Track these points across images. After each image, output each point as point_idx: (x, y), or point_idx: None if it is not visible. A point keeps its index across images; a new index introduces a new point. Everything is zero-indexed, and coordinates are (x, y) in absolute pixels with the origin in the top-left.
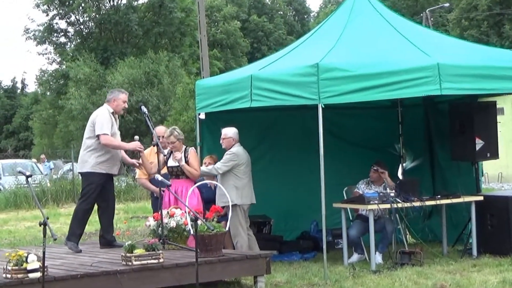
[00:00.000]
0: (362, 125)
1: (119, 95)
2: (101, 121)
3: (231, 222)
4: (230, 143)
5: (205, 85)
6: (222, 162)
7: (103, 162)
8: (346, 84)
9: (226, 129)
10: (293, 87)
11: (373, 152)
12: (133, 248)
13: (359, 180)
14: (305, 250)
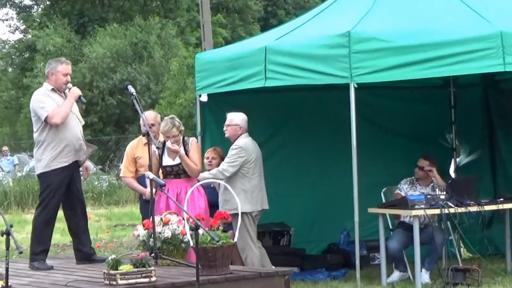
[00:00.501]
0: (405, 110)
1: (57, 66)
2: (36, 105)
3: (239, 232)
4: (236, 132)
5: (208, 59)
6: (228, 162)
7: (60, 153)
8: (385, 58)
9: (232, 114)
10: (317, 62)
11: (419, 143)
12: (118, 263)
13: (401, 179)
14: (333, 267)
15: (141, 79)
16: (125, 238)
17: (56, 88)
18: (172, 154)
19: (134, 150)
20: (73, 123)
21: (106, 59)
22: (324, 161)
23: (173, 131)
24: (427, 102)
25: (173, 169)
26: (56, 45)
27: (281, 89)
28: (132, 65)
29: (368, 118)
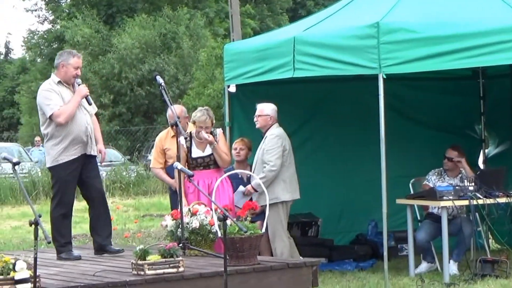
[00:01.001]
0: (433, 101)
1: (69, 59)
2: (42, 101)
3: (271, 222)
4: (266, 122)
5: (236, 50)
6: (271, 154)
7: (67, 147)
8: (414, 49)
9: (263, 104)
10: (346, 53)
11: (447, 134)
12: (146, 254)
13: (430, 170)
14: (361, 258)
15: (170, 70)
16: (153, 228)
17: (64, 81)
18: (201, 145)
19: (162, 141)
20: (80, 116)
21: (134, 49)
22: (353, 152)
23: (208, 121)
24: (456, 93)
25: (204, 160)
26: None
27: (309, 80)
28: (161, 55)
29: (397, 109)
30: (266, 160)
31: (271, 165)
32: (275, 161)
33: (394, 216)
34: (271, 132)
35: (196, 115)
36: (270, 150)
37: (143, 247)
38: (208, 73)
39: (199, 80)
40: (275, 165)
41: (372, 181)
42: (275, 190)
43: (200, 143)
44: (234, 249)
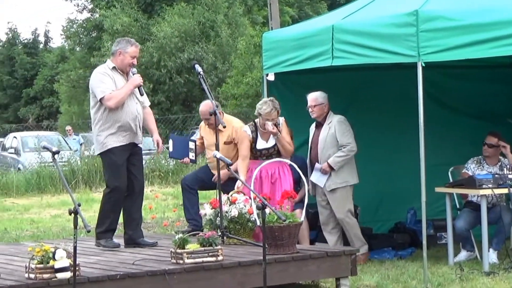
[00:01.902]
0: (472, 89)
1: (127, 47)
2: (95, 83)
3: (340, 205)
4: (323, 110)
5: (275, 38)
6: (348, 136)
7: (115, 133)
8: (453, 37)
9: (315, 94)
10: (385, 41)
11: (487, 123)
12: (185, 242)
13: (469, 158)
14: (400, 246)
15: (208, 58)
16: None
17: (119, 68)
18: (266, 136)
19: (200, 131)
20: (131, 104)
21: (173, 38)
22: (391, 140)
23: (274, 113)
24: (495, 81)
25: (268, 151)
26: (124, 25)
27: (347, 68)
28: (199, 44)
29: (436, 97)
30: (344, 143)
31: (352, 146)
32: (353, 142)
33: (433, 204)
34: (336, 119)
35: (262, 108)
36: (345, 133)
37: (182, 236)
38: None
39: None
40: (354, 146)
41: (411, 169)
42: (344, 173)
43: (264, 134)
44: (273, 238)
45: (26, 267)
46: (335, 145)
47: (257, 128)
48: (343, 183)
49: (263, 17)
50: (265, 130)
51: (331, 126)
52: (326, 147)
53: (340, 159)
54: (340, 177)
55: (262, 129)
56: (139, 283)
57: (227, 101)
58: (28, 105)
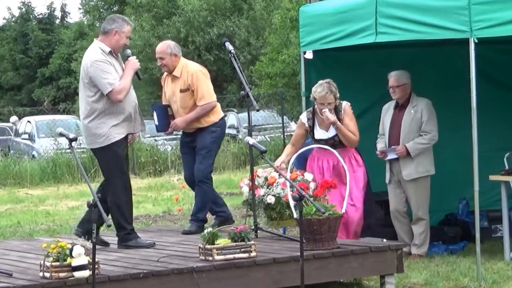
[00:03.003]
0: None
1: (124, 26)
2: (98, 74)
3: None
4: (405, 91)
5: (313, 12)
6: (433, 124)
7: (117, 125)
8: (509, 10)
9: (397, 73)
10: (433, 15)
11: None
12: (215, 237)
13: None
14: (451, 240)
15: (241, 34)
16: None
17: (114, 49)
18: (325, 124)
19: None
20: (131, 91)
21: (202, 11)
22: (441, 124)
23: (329, 97)
24: None
25: (327, 142)
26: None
27: (393, 45)
28: (231, 18)
29: (490, 76)
30: (427, 129)
31: (434, 134)
32: (436, 131)
33: (487, 194)
34: (424, 103)
35: (316, 91)
36: (431, 120)
37: (211, 230)
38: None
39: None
40: (436, 135)
41: (463, 155)
42: (425, 162)
43: (323, 122)
44: (311, 232)
45: (40, 265)
46: (418, 130)
47: (314, 115)
48: (424, 172)
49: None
50: (323, 117)
51: (417, 109)
52: (411, 131)
53: (420, 146)
54: (422, 165)
55: (320, 116)
56: (164, 282)
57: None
58: (44, 86)
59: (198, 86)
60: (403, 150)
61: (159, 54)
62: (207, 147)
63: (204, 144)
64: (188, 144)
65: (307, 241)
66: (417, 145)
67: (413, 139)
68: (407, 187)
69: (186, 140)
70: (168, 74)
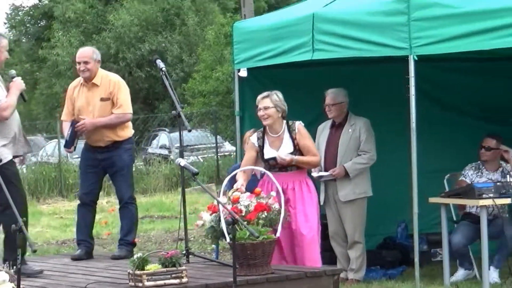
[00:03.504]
0: (472, 85)
1: (2, 40)
2: None
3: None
4: (342, 110)
5: (248, 28)
6: (371, 143)
7: (6, 145)
8: (449, 27)
9: (333, 91)
10: (372, 32)
11: (488, 123)
12: (145, 262)
13: (467, 164)
14: (389, 264)
15: (173, 50)
16: (153, 232)
17: None
18: (275, 143)
19: (72, 90)
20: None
21: (133, 27)
22: (379, 144)
23: (266, 101)
24: (497, 76)
25: (277, 161)
26: (77, 12)
27: (330, 62)
28: (163, 33)
29: (430, 95)
30: (366, 149)
31: (373, 154)
32: (374, 150)
33: (426, 216)
34: (361, 122)
35: (257, 99)
36: (369, 139)
37: (141, 255)
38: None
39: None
40: (375, 155)
41: (402, 176)
42: (363, 183)
43: (273, 141)
44: (245, 257)
45: None
46: (356, 149)
47: (264, 134)
48: (362, 193)
49: (235, 3)
50: (273, 135)
51: (355, 128)
52: (349, 150)
53: (359, 166)
54: (359, 186)
55: (270, 135)
56: None
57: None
58: None
59: (119, 94)
60: (340, 171)
61: (83, 58)
62: (127, 166)
63: (124, 163)
64: (97, 162)
65: (241, 266)
66: (356, 165)
67: (351, 159)
68: (343, 209)
69: (96, 158)
70: (86, 82)
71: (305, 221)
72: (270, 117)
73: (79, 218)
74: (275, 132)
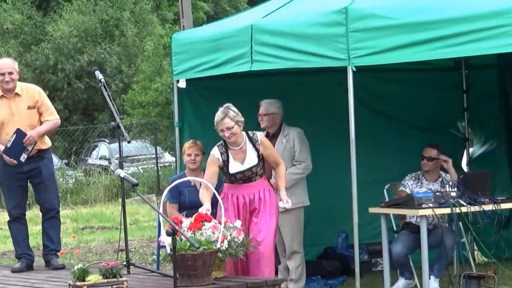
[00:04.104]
0: (410, 96)
1: None
2: None
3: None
4: (274, 121)
5: (186, 39)
6: (306, 152)
7: None
8: (387, 38)
9: (267, 102)
10: (311, 43)
11: (426, 133)
12: (86, 273)
13: (407, 173)
14: (329, 274)
15: (112, 61)
16: (94, 243)
17: None
18: (239, 156)
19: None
20: None
21: (72, 38)
22: (320, 154)
23: (226, 121)
24: (436, 86)
25: (244, 174)
26: (15, 23)
27: (269, 73)
28: (102, 45)
29: (369, 105)
30: (301, 159)
31: (308, 164)
32: (310, 160)
33: (366, 226)
34: (295, 132)
35: (215, 118)
36: (303, 149)
37: (81, 266)
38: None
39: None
40: (310, 165)
41: (342, 186)
42: (299, 192)
43: (237, 154)
44: (186, 268)
45: None
46: (291, 159)
47: (227, 148)
48: (299, 203)
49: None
50: (235, 148)
51: (288, 138)
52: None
53: (295, 176)
54: (296, 195)
55: (232, 148)
56: None
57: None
58: None
59: (46, 101)
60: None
61: (8, 69)
62: (53, 175)
63: (50, 172)
64: (23, 174)
65: (181, 277)
66: (292, 175)
67: (286, 169)
68: (280, 219)
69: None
70: (6, 93)
71: (263, 231)
72: (236, 134)
73: (14, 234)
74: (237, 145)
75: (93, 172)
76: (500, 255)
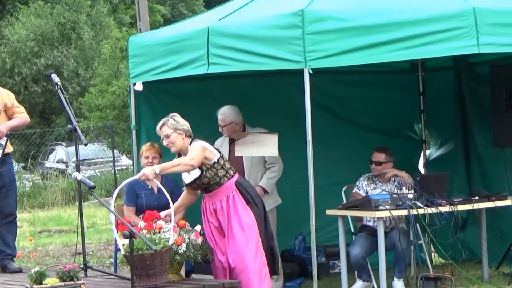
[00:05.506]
0: (367, 98)
1: None
2: None
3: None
4: (234, 129)
5: (142, 42)
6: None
7: None
8: (344, 40)
9: (222, 111)
10: (267, 45)
11: (383, 135)
12: (43, 277)
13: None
14: (287, 276)
15: (69, 64)
16: (51, 246)
17: None
18: None
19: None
20: None
21: (29, 42)
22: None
23: (164, 130)
24: (392, 88)
25: (198, 185)
26: None
27: (226, 75)
28: (59, 48)
29: (326, 107)
30: (273, 160)
31: (280, 163)
32: (280, 160)
33: (324, 229)
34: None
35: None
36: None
37: (39, 269)
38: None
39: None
40: (282, 163)
41: (299, 189)
42: (274, 193)
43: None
44: (144, 267)
45: None
46: (262, 162)
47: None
48: (274, 203)
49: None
50: None
51: None
52: (253, 165)
53: (272, 180)
54: (272, 197)
55: None
56: None
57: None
58: None
59: (14, 102)
60: (259, 191)
61: None
62: (15, 180)
63: (13, 177)
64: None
65: (139, 277)
66: (270, 180)
67: (257, 172)
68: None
69: None
70: None
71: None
72: (174, 143)
73: None
74: (184, 154)
75: (50, 175)
76: (457, 256)
